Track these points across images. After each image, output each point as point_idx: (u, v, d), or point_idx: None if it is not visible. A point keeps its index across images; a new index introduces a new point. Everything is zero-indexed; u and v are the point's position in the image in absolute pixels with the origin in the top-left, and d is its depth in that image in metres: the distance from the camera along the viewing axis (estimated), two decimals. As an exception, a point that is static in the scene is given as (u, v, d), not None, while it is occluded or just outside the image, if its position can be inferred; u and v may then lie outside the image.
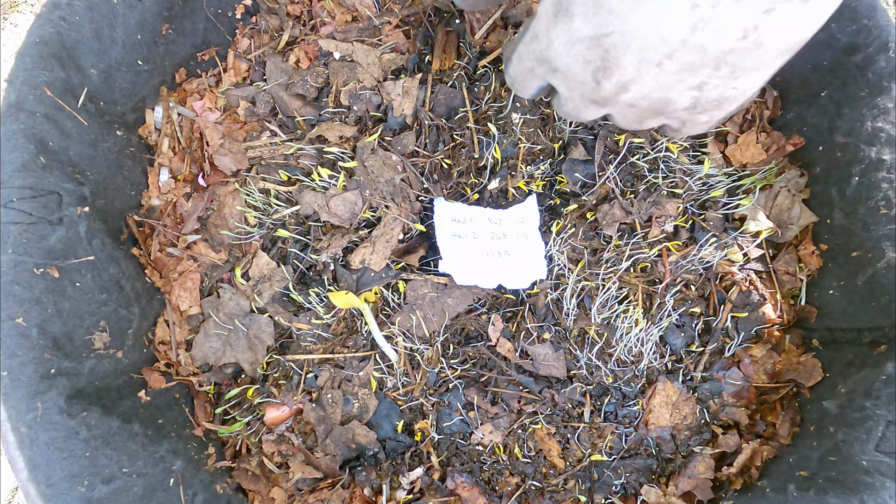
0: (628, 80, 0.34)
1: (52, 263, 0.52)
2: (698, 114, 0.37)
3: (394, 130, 0.71)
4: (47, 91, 0.55)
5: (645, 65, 0.32)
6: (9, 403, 0.46)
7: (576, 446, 0.62)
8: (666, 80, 0.33)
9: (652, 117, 0.38)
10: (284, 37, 0.75)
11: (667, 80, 0.33)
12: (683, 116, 0.37)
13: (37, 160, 0.52)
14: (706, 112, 0.37)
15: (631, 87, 0.34)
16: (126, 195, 0.65)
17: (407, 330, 0.64)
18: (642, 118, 0.39)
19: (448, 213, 0.67)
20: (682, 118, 0.38)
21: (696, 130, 0.40)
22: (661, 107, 0.36)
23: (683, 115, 0.37)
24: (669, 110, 0.36)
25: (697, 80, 0.33)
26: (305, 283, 0.66)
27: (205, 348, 0.63)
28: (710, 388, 0.64)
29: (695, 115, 0.37)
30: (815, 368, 0.61)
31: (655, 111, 0.37)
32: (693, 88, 0.34)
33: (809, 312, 0.65)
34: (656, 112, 0.37)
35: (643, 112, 0.37)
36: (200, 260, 0.67)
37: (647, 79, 0.33)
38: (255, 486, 0.61)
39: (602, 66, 0.34)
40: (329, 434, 0.61)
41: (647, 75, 0.33)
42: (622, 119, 0.40)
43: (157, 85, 0.69)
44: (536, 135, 0.71)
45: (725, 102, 0.36)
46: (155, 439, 0.56)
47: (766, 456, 0.60)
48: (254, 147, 0.70)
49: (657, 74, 0.33)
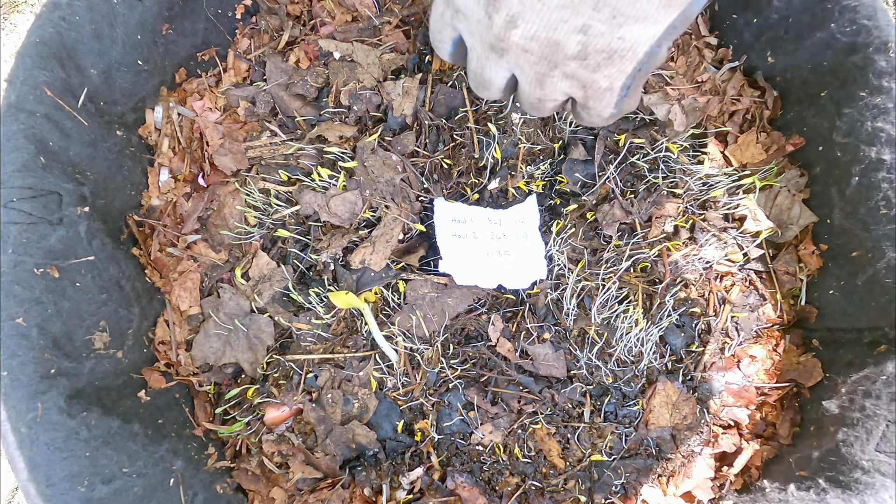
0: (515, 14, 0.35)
1: (52, 263, 0.52)
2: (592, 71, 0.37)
3: (394, 130, 0.71)
4: (47, 91, 0.55)
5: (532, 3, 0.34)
6: (9, 403, 0.46)
7: (576, 446, 0.62)
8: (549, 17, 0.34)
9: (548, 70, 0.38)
10: (284, 37, 0.75)
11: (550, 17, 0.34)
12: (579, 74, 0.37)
13: (37, 160, 0.52)
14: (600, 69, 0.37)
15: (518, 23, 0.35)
16: (126, 195, 0.65)
17: (407, 330, 0.64)
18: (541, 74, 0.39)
19: (448, 213, 0.67)
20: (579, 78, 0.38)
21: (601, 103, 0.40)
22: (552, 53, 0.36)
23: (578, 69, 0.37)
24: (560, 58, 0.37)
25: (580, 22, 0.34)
26: (305, 283, 0.66)
27: (205, 348, 0.63)
28: (710, 388, 0.64)
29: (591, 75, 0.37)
30: (815, 368, 0.61)
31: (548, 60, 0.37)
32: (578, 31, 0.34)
33: (809, 312, 0.65)
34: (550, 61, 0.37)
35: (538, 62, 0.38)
36: (200, 260, 0.67)
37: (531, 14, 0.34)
38: (255, 486, 0.61)
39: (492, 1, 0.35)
40: (329, 434, 0.61)
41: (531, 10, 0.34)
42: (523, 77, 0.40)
43: (157, 85, 0.69)
44: (536, 135, 0.71)
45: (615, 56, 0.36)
46: (155, 439, 0.56)
47: (766, 456, 0.60)
48: (254, 147, 0.70)
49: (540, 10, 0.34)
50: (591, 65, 0.37)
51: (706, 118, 0.71)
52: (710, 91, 0.73)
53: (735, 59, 0.73)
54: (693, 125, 0.70)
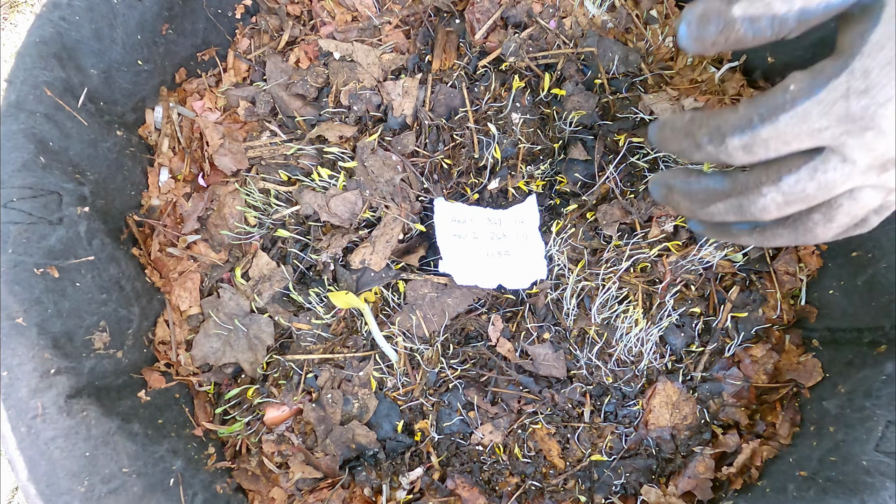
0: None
1: (52, 263, 0.52)
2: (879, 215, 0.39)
3: (394, 130, 0.71)
4: (47, 91, 0.55)
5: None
6: (9, 403, 0.46)
7: (576, 446, 0.62)
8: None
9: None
10: (284, 37, 0.75)
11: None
12: None
13: (37, 160, 0.52)
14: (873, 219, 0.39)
15: None
16: (126, 195, 0.65)
17: (407, 330, 0.64)
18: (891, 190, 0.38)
19: (448, 213, 0.67)
20: None
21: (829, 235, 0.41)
22: None
23: None
24: None
25: None
26: (305, 283, 0.66)
27: (205, 348, 0.63)
28: (710, 388, 0.64)
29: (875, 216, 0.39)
30: (815, 368, 0.61)
31: None
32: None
33: (809, 312, 0.65)
34: None
35: None
36: (200, 260, 0.67)
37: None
38: (255, 486, 0.61)
39: None
40: (329, 434, 0.61)
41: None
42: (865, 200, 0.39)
43: (157, 85, 0.69)
44: (536, 135, 0.71)
45: None
46: (155, 439, 0.56)
47: (766, 456, 0.60)
48: (254, 147, 0.70)
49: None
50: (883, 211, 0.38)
51: (706, 118, 0.71)
52: (710, 91, 0.73)
53: (735, 59, 0.73)
54: (693, 125, 0.70)
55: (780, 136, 0.36)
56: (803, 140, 0.36)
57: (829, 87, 0.34)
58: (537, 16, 0.74)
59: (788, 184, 0.37)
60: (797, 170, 0.37)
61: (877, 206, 0.39)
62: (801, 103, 0.35)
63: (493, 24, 0.74)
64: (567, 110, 0.70)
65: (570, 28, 0.74)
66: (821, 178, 0.37)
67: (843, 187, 0.37)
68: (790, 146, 0.37)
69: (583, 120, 0.70)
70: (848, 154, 0.36)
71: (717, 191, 0.41)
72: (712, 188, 0.42)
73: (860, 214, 0.39)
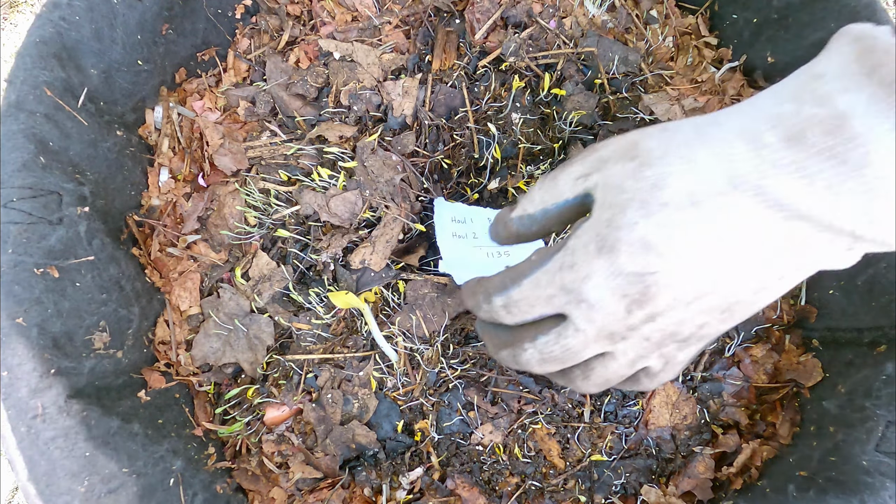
0: (657, 312, 0.37)
1: (52, 263, 0.52)
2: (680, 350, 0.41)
3: (394, 130, 0.71)
4: (47, 91, 0.55)
5: (677, 303, 0.36)
6: (9, 403, 0.46)
7: (576, 446, 0.62)
8: (685, 316, 0.37)
9: (650, 353, 0.41)
10: (284, 37, 0.75)
11: (686, 316, 0.37)
12: (672, 353, 0.41)
13: (37, 160, 0.52)
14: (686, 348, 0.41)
15: (657, 318, 0.37)
16: (126, 195, 0.65)
17: (407, 330, 0.64)
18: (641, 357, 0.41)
19: (448, 213, 0.67)
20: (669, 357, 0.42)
21: (672, 373, 0.43)
22: (666, 339, 0.39)
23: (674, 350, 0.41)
24: (668, 343, 0.40)
25: (705, 319, 0.37)
26: (305, 283, 0.66)
27: (205, 348, 0.63)
28: (710, 388, 0.64)
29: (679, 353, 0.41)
30: (815, 368, 0.61)
31: (659, 345, 0.40)
32: (698, 326, 0.38)
33: (809, 312, 0.65)
34: (658, 345, 0.40)
35: (649, 347, 0.40)
36: (200, 260, 0.67)
37: (673, 313, 0.37)
38: (255, 486, 0.61)
39: (638, 300, 0.36)
40: (329, 434, 0.61)
41: (674, 310, 0.37)
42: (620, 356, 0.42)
43: (157, 85, 0.69)
44: (536, 135, 0.71)
45: (705, 339, 0.40)
46: (155, 439, 0.56)
47: (766, 456, 0.60)
48: (254, 147, 0.70)
49: (683, 311, 0.36)
50: (683, 346, 0.40)
51: (706, 118, 0.71)
52: (710, 91, 0.73)
53: (735, 59, 0.73)
54: (693, 125, 0.70)
55: (525, 300, 0.42)
56: (544, 305, 0.41)
57: (552, 259, 0.40)
58: (537, 16, 0.74)
59: (541, 344, 0.42)
60: (547, 333, 0.41)
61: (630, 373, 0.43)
62: (535, 272, 0.41)
63: (493, 24, 0.74)
64: (567, 110, 0.70)
65: (570, 28, 0.74)
66: (563, 343, 0.41)
67: (587, 352, 0.41)
68: (536, 309, 0.42)
69: (583, 120, 0.70)
70: (577, 323, 0.40)
71: (501, 339, 0.46)
72: (498, 336, 0.46)
73: (614, 377, 0.43)
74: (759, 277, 0.35)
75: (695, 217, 0.34)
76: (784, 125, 0.31)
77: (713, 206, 0.33)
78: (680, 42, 0.76)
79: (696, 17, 0.77)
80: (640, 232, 0.35)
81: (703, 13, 0.77)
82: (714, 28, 0.76)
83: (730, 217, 0.33)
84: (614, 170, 0.38)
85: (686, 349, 0.41)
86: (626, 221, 0.35)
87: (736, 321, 0.38)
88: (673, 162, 0.35)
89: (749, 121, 0.33)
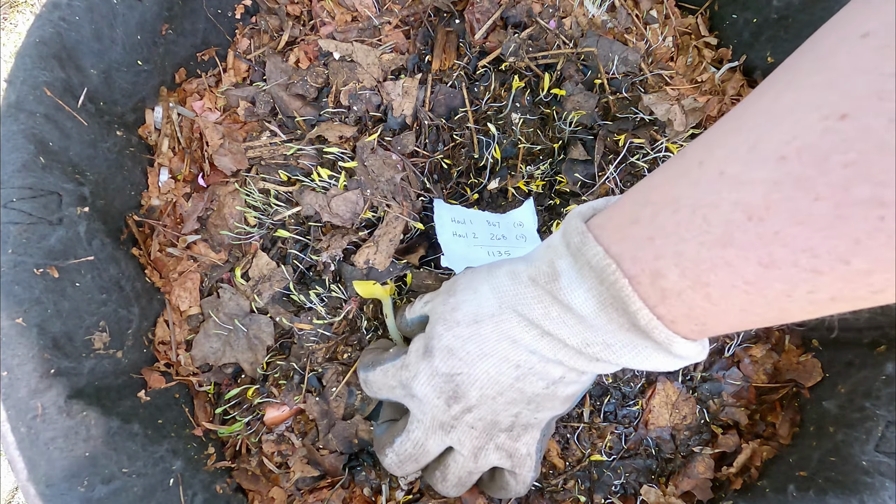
0: (472, 405, 0.46)
1: (52, 263, 0.52)
2: (515, 440, 0.50)
3: (394, 130, 0.71)
4: (47, 91, 0.55)
5: (484, 397, 0.46)
6: (9, 403, 0.46)
7: (575, 446, 0.62)
8: (496, 407, 0.46)
9: (485, 443, 0.50)
10: (284, 37, 0.75)
11: (497, 407, 0.46)
12: (507, 444, 0.50)
13: (37, 160, 0.52)
14: (520, 438, 0.50)
15: (473, 410, 0.47)
16: (126, 195, 0.65)
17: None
18: (477, 448, 0.50)
19: (447, 213, 0.67)
20: (506, 448, 0.50)
21: (525, 468, 0.52)
22: (490, 428, 0.48)
23: (506, 440, 0.50)
24: (495, 431, 0.49)
25: (517, 410, 0.47)
26: (305, 284, 0.66)
27: (205, 348, 0.63)
28: (709, 388, 0.64)
29: (514, 444, 0.50)
30: (815, 368, 0.61)
31: (487, 433, 0.49)
32: (513, 415, 0.48)
33: (809, 312, 0.65)
34: (488, 434, 0.49)
35: (479, 436, 0.49)
36: (200, 260, 0.67)
37: (485, 406, 0.46)
38: (254, 486, 0.61)
39: (453, 395, 0.46)
40: (331, 429, 0.61)
41: (484, 404, 0.46)
42: (461, 448, 0.50)
43: (157, 85, 0.69)
44: (536, 135, 0.71)
45: (531, 427, 0.50)
46: (155, 439, 0.56)
47: (766, 456, 0.60)
48: (254, 147, 0.70)
49: (492, 404, 0.46)
50: (514, 435, 0.50)
51: (706, 118, 0.71)
52: (710, 91, 0.73)
53: (734, 59, 0.73)
54: (693, 125, 0.70)
55: (376, 383, 0.52)
56: (388, 391, 0.51)
57: (398, 358, 0.50)
58: (537, 16, 0.74)
59: (397, 444, 0.51)
60: (400, 433, 0.51)
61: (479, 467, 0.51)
62: (385, 363, 0.51)
63: (493, 24, 0.74)
64: (567, 110, 0.70)
65: (570, 28, 0.74)
66: (412, 437, 0.50)
67: (431, 444, 0.50)
68: (383, 392, 0.52)
69: (583, 120, 0.70)
70: (415, 414, 0.50)
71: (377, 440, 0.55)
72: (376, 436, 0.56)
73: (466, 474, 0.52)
74: (543, 375, 0.44)
75: (478, 331, 0.44)
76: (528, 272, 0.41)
77: (490, 322, 0.43)
78: (680, 42, 0.76)
79: (696, 17, 0.77)
80: (445, 341, 0.45)
81: (703, 13, 0.77)
82: (714, 28, 0.76)
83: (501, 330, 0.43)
84: (437, 299, 0.49)
85: (520, 439, 0.50)
86: (436, 333, 0.46)
87: (551, 409, 0.48)
88: (466, 292, 0.46)
89: (514, 266, 0.44)
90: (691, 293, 0.32)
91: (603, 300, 0.36)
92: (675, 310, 0.34)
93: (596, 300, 0.36)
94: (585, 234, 0.37)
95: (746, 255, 0.29)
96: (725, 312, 0.32)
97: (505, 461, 0.51)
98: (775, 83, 0.30)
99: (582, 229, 0.37)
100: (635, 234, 0.34)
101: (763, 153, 0.28)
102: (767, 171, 0.27)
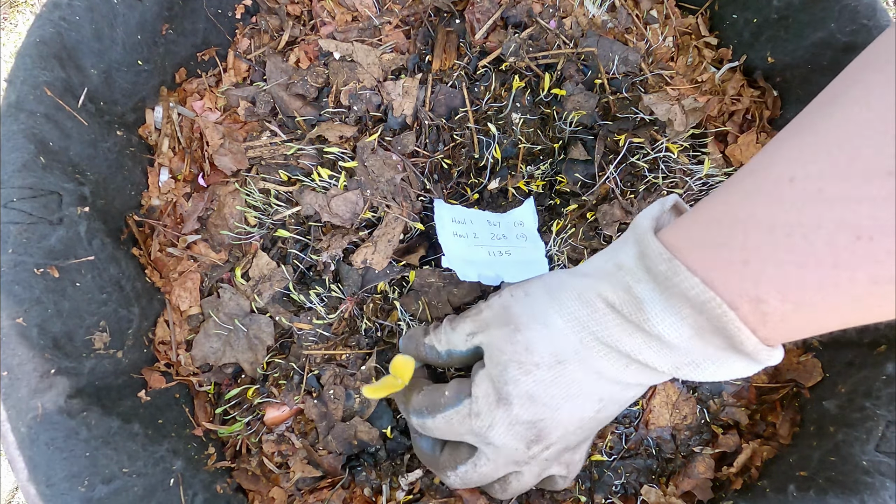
0: (552, 443, 0.46)
1: (52, 263, 0.52)
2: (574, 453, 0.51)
3: (394, 130, 0.71)
4: (47, 91, 0.55)
5: (567, 434, 0.46)
6: (9, 403, 0.46)
7: (576, 446, 0.62)
8: (573, 438, 0.47)
9: (551, 465, 0.50)
10: (284, 37, 0.75)
11: (574, 438, 0.47)
12: (567, 458, 0.51)
13: (37, 160, 0.52)
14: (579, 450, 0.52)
15: (552, 447, 0.47)
16: (126, 195, 0.65)
17: (412, 313, 0.63)
18: (544, 469, 0.50)
19: (447, 213, 0.67)
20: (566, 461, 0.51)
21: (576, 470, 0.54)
22: (560, 455, 0.49)
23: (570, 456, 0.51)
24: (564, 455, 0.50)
25: (586, 434, 0.49)
26: (305, 284, 0.66)
27: (205, 348, 0.63)
28: (710, 388, 0.64)
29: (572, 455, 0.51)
30: (815, 368, 0.61)
31: (556, 458, 0.50)
32: (583, 440, 0.50)
33: (809, 312, 0.65)
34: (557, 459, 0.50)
35: (548, 463, 0.49)
36: (200, 260, 0.67)
37: (563, 440, 0.47)
38: (255, 486, 0.61)
39: (535, 440, 0.46)
40: (331, 430, 0.61)
41: (564, 438, 0.47)
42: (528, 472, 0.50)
43: (157, 85, 0.69)
44: (536, 135, 0.71)
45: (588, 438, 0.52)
46: (155, 439, 0.56)
47: (766, 456, 0.60)
48: (254, 147, 0.70)
49: (570, 436, 0.47)
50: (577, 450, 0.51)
51: (706, 118, 0.71)
52: (710, 91, 0.73)
53: (735, 59, 0.73)
54: (693, 125, 0.70)
55: (439, 429, 0.49)
56: (457, 436, 0.49)
57: (462, 403, 0.47)
58: (537, 16, 0.74)
59: (461, 472, 0.50)
60: (464, 462, 0.50)
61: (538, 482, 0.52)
62: (447, 410, 0.48)
63: (493, 24, 0.74)
64: (567, 110, 0.70)
65: (570, 28, 0.74)
66: (480, 471, 0.49)
67: (499, 474, 0.50)
68: (447, 437, 0.50)
69: (583, 120, 0.70)
70: (488, 455, 0.48)
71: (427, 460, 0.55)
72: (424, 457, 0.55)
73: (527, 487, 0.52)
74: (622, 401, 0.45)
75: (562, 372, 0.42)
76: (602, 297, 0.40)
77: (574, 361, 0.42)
78: (680, 42, 0.76)
79: (696, 17, 0.77)
80: (523, 387, 0.43)
81: (703, 13, 0.77)
82: (714, 28, 0.76)
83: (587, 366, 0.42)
84: (495, 333, 0.47)
85: (579, 450, 0.52)
86: (510, 377, 0.44)
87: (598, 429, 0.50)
88: (534, 327, 0.44)
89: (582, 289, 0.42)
90: (794, 315, 0.32)
91: (699, 328, 0.35)
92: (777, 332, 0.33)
93: (691, 328, 0.36)
94: (673, 262, 0.36)
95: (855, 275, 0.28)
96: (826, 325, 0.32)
97: (562, 471, 0.52)
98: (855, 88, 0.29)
99: (668, 256, 0.36)
100: (728, 258, 0.33)
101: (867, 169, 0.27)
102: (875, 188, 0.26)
